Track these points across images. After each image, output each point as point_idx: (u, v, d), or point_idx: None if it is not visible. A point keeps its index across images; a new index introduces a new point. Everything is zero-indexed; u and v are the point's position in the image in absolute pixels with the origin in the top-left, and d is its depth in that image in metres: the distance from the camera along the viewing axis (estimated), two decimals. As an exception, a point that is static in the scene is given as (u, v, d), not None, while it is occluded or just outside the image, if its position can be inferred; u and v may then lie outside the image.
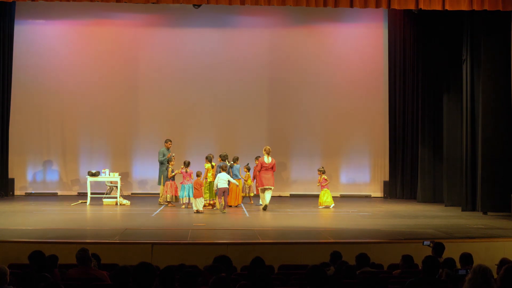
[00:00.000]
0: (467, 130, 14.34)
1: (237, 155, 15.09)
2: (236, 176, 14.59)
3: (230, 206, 14.35)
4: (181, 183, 14.20)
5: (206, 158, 14.43)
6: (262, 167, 14.10)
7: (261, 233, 10.48)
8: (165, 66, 17.45)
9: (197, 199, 13.41)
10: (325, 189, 14.74)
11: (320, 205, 14.60)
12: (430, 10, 13.19)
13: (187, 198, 14.03)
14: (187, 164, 14.18)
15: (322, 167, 15.16)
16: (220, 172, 13.83)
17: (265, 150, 14.26)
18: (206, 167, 14.29)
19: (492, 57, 13.75)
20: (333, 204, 14.57)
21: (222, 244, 9.43)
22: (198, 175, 13.81)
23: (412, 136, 17.00)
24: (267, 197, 13.96)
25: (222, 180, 13.67)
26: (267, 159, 14.14)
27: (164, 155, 14.84)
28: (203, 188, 13.74)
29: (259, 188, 14.19)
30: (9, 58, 16.55)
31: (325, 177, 14.87)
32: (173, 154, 14.79)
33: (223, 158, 14.48)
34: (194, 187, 13.54)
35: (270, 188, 14.02)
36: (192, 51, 17.45)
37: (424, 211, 14.22)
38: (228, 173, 14.03)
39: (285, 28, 17.69)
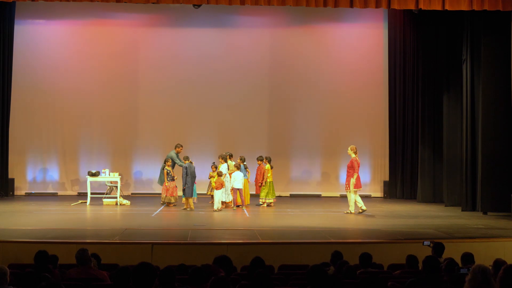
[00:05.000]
0: (467, 130, 14.34)
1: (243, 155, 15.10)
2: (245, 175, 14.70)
3: (239, 205, 14.45)
4: None
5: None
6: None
7: (261, 233, 10.48)
8: (165, 66, 17.45)
9: (217, 197, 13.67)
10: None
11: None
12: (430, 10, 13.20)
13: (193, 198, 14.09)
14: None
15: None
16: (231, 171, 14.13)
17: (354, 150, 13.65)
18: (266, 168, 14.46)
19: (492, 57, 13.75)
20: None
21: (222, 244, 9.43)
22: (219, 174, 13.92)
23: (412, 136, 17.01)
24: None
25: (240, 180, 13.96)
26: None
27: (180, 160, 14.71)
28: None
29: (355, 190, 13.39)
30: (9, 58, 16.55)
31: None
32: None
33: (224, 158, 14.62)
34: (216, 186, 13.70)
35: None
36: (192, 51, 17.45)
37: (424, 211, 14.22)
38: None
39: (285, 28, 17.69)
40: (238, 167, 14.16)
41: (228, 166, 14.53)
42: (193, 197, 14.12)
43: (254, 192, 15.02)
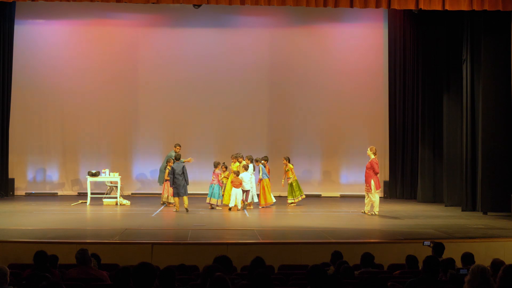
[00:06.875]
0: (467, 130, 14.34)
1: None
2: (266, 175, 14.74)
3: (265, 206, 14.48)
4: (211, 183, 14.21)
5: (285, 158, 14.96)
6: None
7: (261, 233, 10.49)
8: (165, 66, 17.45)
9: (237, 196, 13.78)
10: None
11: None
12: (430, 10, 13.21)
13: (216, 199, 14.06)
14: (215, 165, 14.22)
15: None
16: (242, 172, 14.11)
17: (374, 151, 13.49)
18: (290, 168, 14.76)
19: (492, 57, 13.76)
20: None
21: (222, 244, 9.44)
22: (237, 174, 13.95)
23: (412, 136, 17.00)
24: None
25: (248, 181, 14.00)
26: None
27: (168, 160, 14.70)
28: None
29: (376, 192, 13.23)
30: (9, 58, 16.55)
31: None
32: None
33: (236, 157, 14.69)
34: (233, 184, 13.77)
35: None
36: (192, 51, 17.45)
37: (424, 211, 14.22)
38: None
39: (285, 28, 17.69)
40: (246, 168, 14.11)
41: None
42: (217, 199, 14.12)
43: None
